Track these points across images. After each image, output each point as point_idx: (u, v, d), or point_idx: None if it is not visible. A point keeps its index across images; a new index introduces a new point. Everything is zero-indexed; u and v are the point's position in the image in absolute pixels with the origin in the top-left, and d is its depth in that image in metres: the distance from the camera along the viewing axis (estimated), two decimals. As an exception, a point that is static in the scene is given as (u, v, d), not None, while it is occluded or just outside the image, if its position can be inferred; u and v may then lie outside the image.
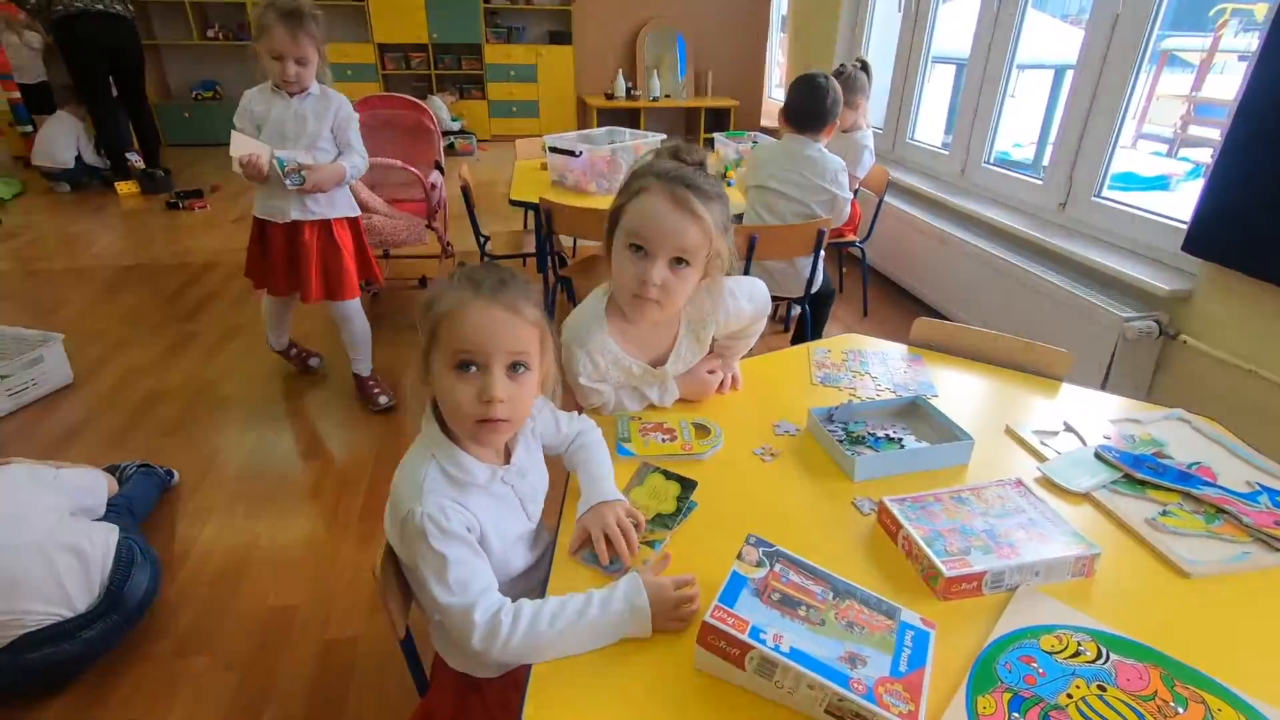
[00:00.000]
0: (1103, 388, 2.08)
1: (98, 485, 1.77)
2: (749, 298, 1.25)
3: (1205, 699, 0.69)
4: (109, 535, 1.56)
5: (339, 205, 2.27)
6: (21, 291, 3.45)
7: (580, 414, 1.10)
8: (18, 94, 5.31)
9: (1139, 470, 1.04)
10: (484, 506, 0.85)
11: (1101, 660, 0.73)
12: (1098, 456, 1.08)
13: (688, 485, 1.02)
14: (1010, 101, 3.16)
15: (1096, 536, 0.90)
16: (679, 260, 1.05)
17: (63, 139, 5.09)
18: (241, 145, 2.03)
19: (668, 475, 1.04)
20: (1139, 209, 2.42)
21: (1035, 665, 0.72)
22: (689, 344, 1.21)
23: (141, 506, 1.89)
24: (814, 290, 2.52)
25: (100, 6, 4.68)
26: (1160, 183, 3.71)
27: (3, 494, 1.53)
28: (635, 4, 7.05)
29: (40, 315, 3.14)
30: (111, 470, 1.95)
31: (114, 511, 1.72)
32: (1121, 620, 0.78)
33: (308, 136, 2.13)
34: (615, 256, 1.09)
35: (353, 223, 2.36)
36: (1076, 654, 0.73)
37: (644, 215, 1.04)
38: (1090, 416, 1.21)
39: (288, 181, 2.07)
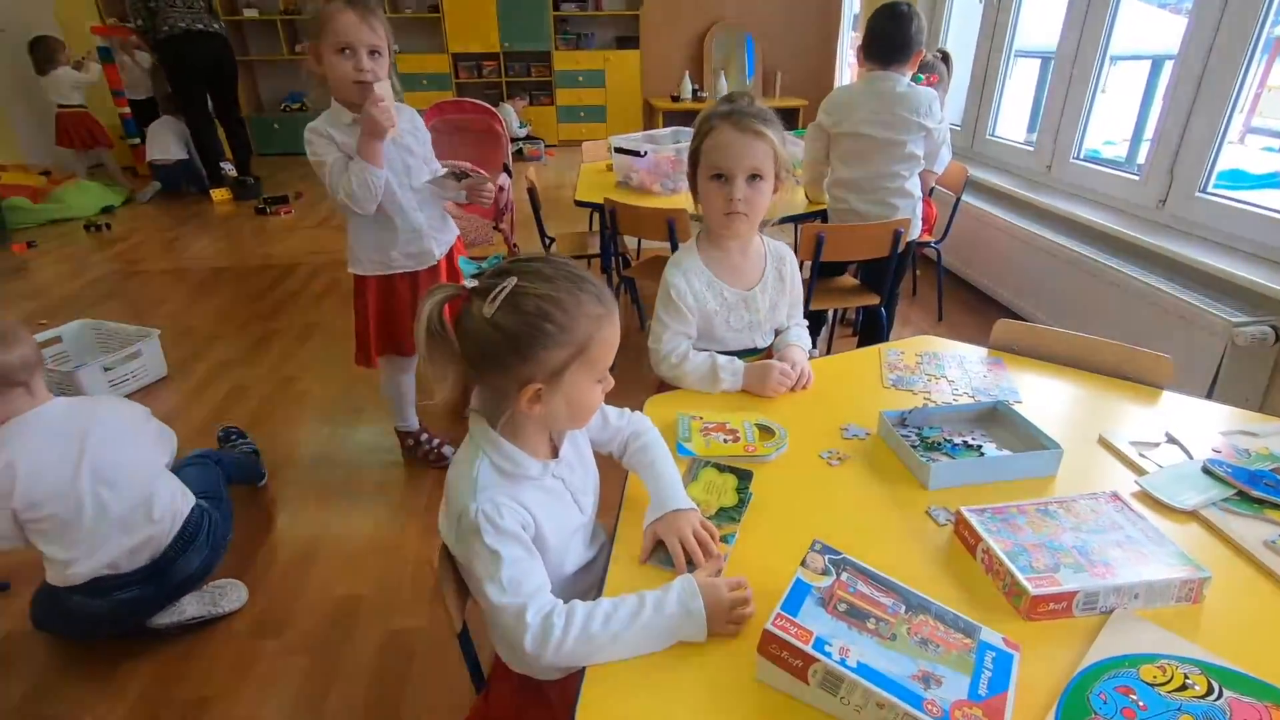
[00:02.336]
0: (1209, 397, 1.91)
1: (173, 444, 1.86)
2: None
3: (1341, 747, 0.61)
4: (184, 502, 1.61)
5: (451, 224, 2.02)
6: (124, 291, 3.70)
7: (633, 410, 1.08)
8: (128, 109, 5.73)
9: (1255, 487, 0.94)
10: (537, 500, 0.84)
11: (1214, 696, 0.65)
12: (1206, 471, 0.99)
13: (744, 476, 0.99)
14: (1101, 97, 2.96)
15: (1205, 559, 0.81)
16: (754, 177, 1.24)
17: (172, 137, 5.52)
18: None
19: (720, 468, 1.01)
20: (1252, 204, 2.22)
21: (1134, 697, 0.65)
22: (774, 278, 1.39)
23: (240, 475, 2.02)
24: (916, 239, 2.30)
25: (200, 26, 5.02)
26: (1273, 180, 3.40)
27: (120, 441, 1.53)
28: (703, 6, 7.02)
29: (140, 313, 3.36)
30: (227, 433, 2.18)
31: (215, 483, 1.79)
32: (1236, 653, 0.70)
33: (418, 161, 1.84)
34: (702, 190, 1.30)
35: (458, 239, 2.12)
36: (1183, 687, 0.66)
37: (717, 148, 1.24)
38: (1196, 427, 1.10)
39: (457, 196, 1.90)
